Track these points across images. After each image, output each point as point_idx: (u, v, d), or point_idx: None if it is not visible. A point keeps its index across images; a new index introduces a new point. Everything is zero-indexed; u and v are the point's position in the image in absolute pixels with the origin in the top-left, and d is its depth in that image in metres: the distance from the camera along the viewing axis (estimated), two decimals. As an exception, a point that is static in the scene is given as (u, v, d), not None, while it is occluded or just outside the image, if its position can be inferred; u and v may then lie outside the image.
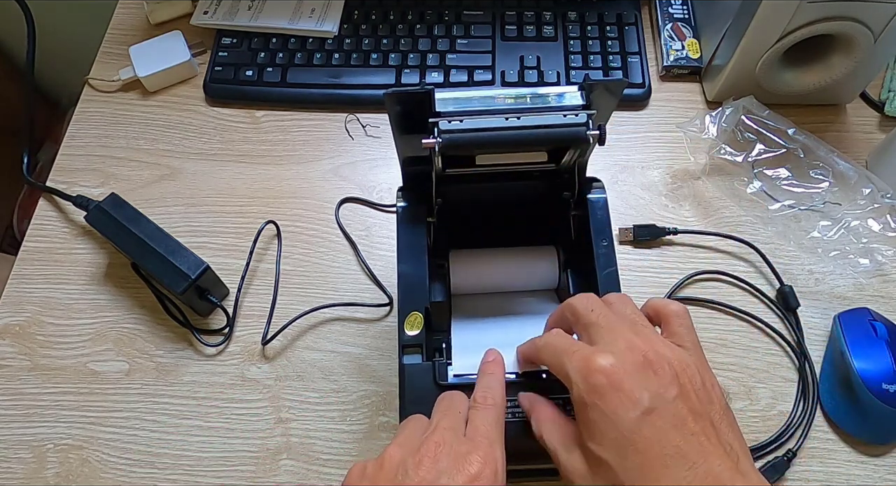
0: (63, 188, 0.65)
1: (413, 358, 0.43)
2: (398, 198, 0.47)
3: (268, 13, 0.72)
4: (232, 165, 0.67)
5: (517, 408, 0.41)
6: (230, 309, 0.59)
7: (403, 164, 0.45)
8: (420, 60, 0.70)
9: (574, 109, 0.39)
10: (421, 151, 0.39)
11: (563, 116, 0.39)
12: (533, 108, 0.39)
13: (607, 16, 0.72)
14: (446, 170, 0.42)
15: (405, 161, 0.45)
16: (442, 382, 0.42)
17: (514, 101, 0.39)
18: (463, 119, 0.39)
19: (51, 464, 0.54)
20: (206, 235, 0.63)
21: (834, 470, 0.53)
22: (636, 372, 0.33)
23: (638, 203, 0.64)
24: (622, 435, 0.32)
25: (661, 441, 0.31)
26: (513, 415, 0.41)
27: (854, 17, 0.57)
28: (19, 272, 0.62)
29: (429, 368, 0.42)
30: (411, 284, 0.44)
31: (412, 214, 0.46)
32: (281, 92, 0.70)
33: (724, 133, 0.62)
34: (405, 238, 0.45)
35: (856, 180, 0.60)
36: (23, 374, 0.58)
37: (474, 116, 0.39)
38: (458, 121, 0.39)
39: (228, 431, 0.55)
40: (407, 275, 0.44)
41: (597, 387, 0.33)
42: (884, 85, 0.69)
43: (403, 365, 0.43)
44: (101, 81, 0.72)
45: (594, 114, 0.39)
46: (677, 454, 0.31)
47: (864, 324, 0.55)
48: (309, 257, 0.62)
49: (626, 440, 0.31)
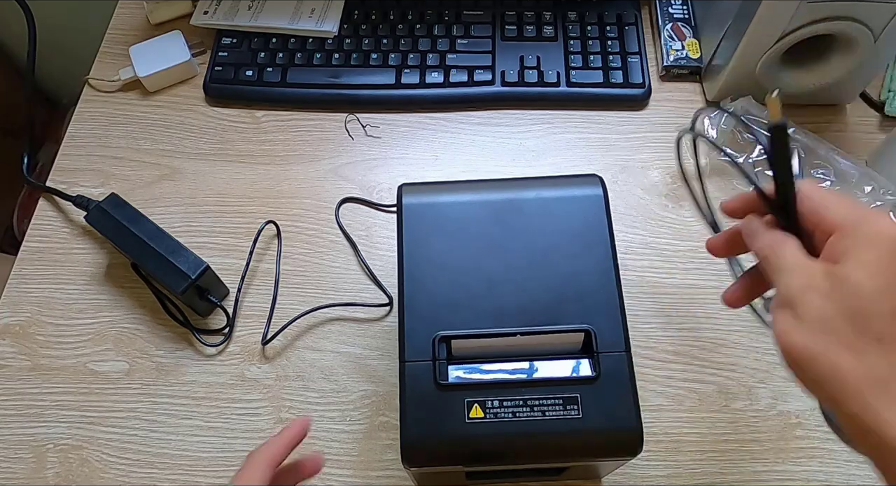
0: (63, 188, 0.65)
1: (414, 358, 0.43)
2: (399, 196, 0.47)
3: (268, 13, 0.72)
4: (232, 165, 0.67)
5: (519, 408, 0.41)
6: (230, 309, 0.59)
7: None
8: (420, 60, 0.70)
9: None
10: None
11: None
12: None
13: (607, 16, 0.72)
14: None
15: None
16: (442, 382, 0.42)
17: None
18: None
19: (51, 464, 0.54)
20: (206, 236, 0.63)
21: (834, 470, 0.53)
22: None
23: (638, 203, 0.64)
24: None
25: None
26: (513, 415, 0.41)
27: (854, 17, 0.57)
28: (19, 272, 0.62)
29: (429, 368, 0.42)
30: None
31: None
32: (281, 92, 0.70)
33: (724, 134, 0.62)
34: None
35: (857, 179, 0.60)
36: (23, 374, 0.58)
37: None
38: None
39: (228, 431, 0.55)
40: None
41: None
42: (884, 85, 0.69)
43: (405, 364, 0.42)
44: (101, 81, 0.72)
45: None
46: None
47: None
48: (309, 257, 0.62)
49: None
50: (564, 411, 0.41)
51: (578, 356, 0.43)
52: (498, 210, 0.47)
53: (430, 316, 0.43)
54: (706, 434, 0.54)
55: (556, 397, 0.41)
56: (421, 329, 0.43)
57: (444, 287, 0.44)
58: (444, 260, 0.45)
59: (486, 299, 0.44)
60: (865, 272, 0.30)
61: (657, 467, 0.53)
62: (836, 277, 0.30)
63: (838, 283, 0.30)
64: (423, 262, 0.45)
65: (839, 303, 0.30)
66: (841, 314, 0.30)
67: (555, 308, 0.43)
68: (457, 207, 0.47)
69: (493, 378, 0.42)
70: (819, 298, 0.30)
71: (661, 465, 0.53)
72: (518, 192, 0.47)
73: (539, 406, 0.41)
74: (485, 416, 0.41)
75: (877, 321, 0.29)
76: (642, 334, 0.58)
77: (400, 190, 0.48)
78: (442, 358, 0.42)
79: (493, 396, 0.41)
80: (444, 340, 0.43)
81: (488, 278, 0.44)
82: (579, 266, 0.45)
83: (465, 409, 0.41)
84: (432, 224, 0.46)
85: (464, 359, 0.43)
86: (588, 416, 0.41)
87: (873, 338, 0.29)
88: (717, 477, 0.53)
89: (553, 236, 0.46)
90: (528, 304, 0.44)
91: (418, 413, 0.41)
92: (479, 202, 0.47)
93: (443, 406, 0.41)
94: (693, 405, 0.55)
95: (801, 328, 0.30)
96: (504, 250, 0.45)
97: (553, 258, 0.45)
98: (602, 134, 0.68)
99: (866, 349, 0.29)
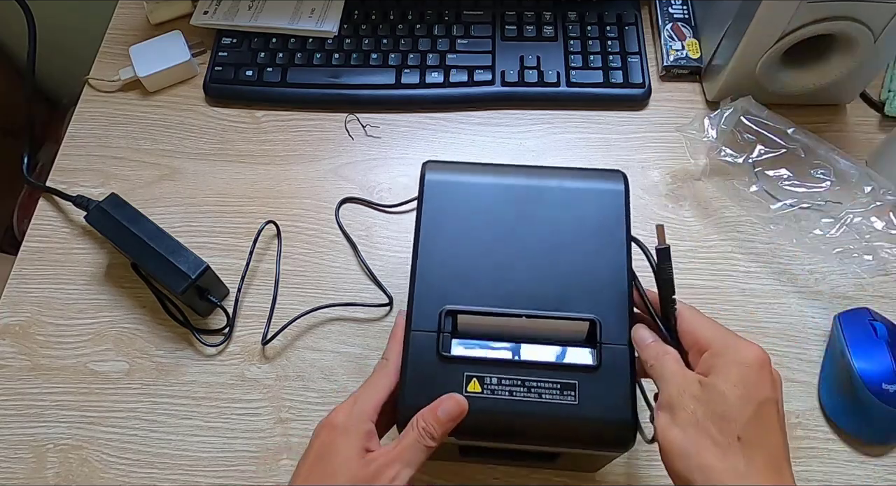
0: (63, 188, 0.65)
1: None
2: (422, 172, 0.48)
3: (268, 13, 0.72)
4: (232, 165, 0.67)
5: (516, 387, 0.41)
6: (230, 309, 0.59)
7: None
8: (420, 60, 0.70)
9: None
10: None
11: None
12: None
13: (607, 16, 0.72)
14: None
15: None
16: (445, 353, 0.42)
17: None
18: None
19: (51, 464, 0.54)
20: (206, 236, 0.63)
21: (834, 470, 0.53)
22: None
23: (638, 203, 0.64)
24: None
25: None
26: (510, 394, 0.41)
27: (854, 17, 0.57)
28: (19, 272, 0.62)
29: (434, 339, 0.43)
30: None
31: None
32: (281, 92, 0.70)
33: (724, 135, 0.62)
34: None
35: (857, 178, 0.60)
36: (23, 374, 0.58)
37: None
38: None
39: (228, 431, 0.55)
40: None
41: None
42: (884, 85, 0.69)
43: (411, 333, 0.43)
44: (101, 81, 0.72)
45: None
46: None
47: (864, 324, 0.55)
48: (309, 257, 0.62)
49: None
50: (561, 395, 0.41)
51: (581, 345, 0.43)
52: (518, 195, 0.47)
53: (439, 290, 0.44)
54: (706, 434, 0.54)
55: (554, 382, 0.42)
56: (430, 302, 0.44)
57: (456, 264, 0.45)
58: (460, 238, 0.46)
59: (497, 280, 0.44)
60: (730, 384, 0.36)
61: (657, 467, 0.53)
62: (707, 386, 0.37)
63: (708, 391, 0.36)
64: (438, 237, 0.46)
65: (708, 407, 0.36)
66: (710, 417, 0.36)
67: (563, 296, 0.44)
68: (478, 188, 0.47)
69: (494, 356, 0.43)
70: (693, 402, 0.37)
71: (661, 465, 0.53)
72: (541, 180, 0.48)
73: (536, 388, 0.41)
74: (482, 391, 0.41)
75: (738, 424, 0.35)
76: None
77: (424, 167, 0.49)
78: (447, 331, 0.43)
79: (492, 373, 0.42)
80: (450, 313, 0.43)
81: (501, 261, 0.45)
82: (593, 258, 0.45)
83: (464, 382, 0.42)
84: (452, 202, 0.47)
85: (468, 335, 0.43)
86: (584, 404, 0.41)
87: (735, 438, 0.35)
88: (717, 477, 0.53)
89: (570, 227, 0.46)
90: (537, 289, 0.44)
91: (418, 381, 0.42)
92: (500, 186, 0.47)
93: (443, 377, 0.42)
94: (693, 405, 0.55)
95: (677, 429, 0.37)
96: (520, 235, 0.46)
97: (568, 248, 0.45)
98: (602, 134, 0.68)
99: (729, 448, 0.35)
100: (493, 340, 0.43)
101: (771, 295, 0.60)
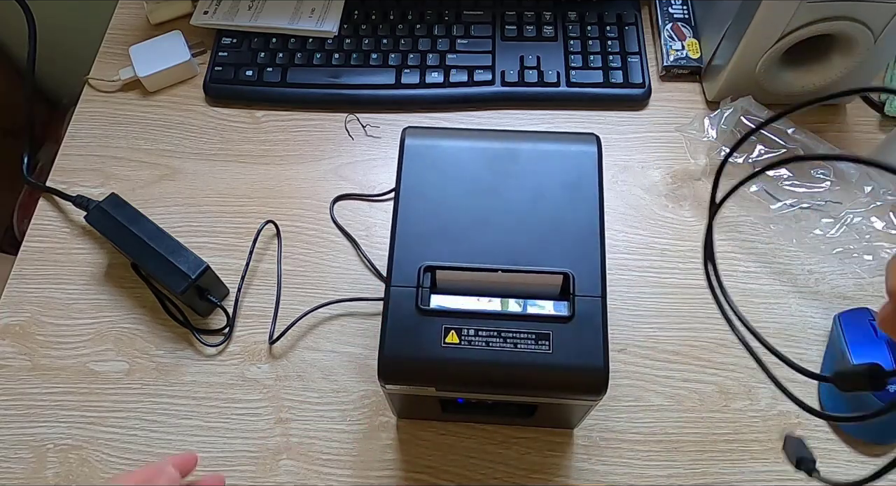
0: (63, 188, 0.65)
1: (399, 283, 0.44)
2: (402, 137, 0.49)
3: (268, 13, 0.72)
4: (232, 165, 0.67)
5: (493, 338, 0.42)
6: (230, 309, 0.59)
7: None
8: (420, 60, 0.70)
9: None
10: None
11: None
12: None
13: (607, 16, 0.72)
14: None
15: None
16: (423, 307, 0.43)
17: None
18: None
19: (51, 464, 0.54)
20: (206, 236, 0.63)
21: (834, 470, 0.53)
22: None
23: (638, 203, 0.64)
24: None
25: None
26: (486, 344, 0.42)
27: (854, 17, 0.57)
28: (19, 272, 0.62)
29: (413, 294, 0.44)
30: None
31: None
32: (281, 92, 0.70)
33: (724, 135, 0.62)
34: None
35: (857, 179, 0.60)
36: (23, 374, 0.58)
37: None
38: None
39: (228, 431, 0.55)
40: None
41: None
42: (884, 85, 0.69)
43: (390, 288, 0.44)
44: (101, 81, 0.72)
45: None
46: None
47: (864, 324, 0.55)
48: (309, 257, 0.62)
49: None
50: (536, 345, 0.42)
51: (556, 299, 0.45)
52: (494, 157, 0.49)
53: (418, 247, 0.45)
54: (706, 434, 0.54)
55: (530, 333, 0.43)
56: (409, 258, 0.45)
57: (435, 222, 0.46)
58: (438, 198, 0.47)
59: (474, 236, 0.46)
60: None
61: (657, 467, 0.53)
62: None
63: None
64: (417, 198, 0.47)
65: None
66: None
67: (538, 251, 0.45)
68: (455, 150, 0.49)
69: (471, 309, 0.44)
70: None
71: (661, 465, 0.53)
72: (516, 142, 0.50)
73: (512, 339, 0.43)
74: (460, 342, 0.43)
75: None
76: (642, 334, 0.58)
77: (404, 132, 0.50)
78: (426, 286, 0.44)
79: (469, 325, 0.43)
80: (429, 269, 0.45)
81: (478, 218, 0.46)
82: (566, 215, 0.46)
83: (442, 334, 0.43)
84: (430, 165, 0.48)
85: (447, 290, 0.45)
86: (558, 353, 0.42)
87: None
88: (717, 477, 0.53)
89: (544, 185, 0.47)
90: (513, 245, 0.45)
91: (398, 335, 0.43)
92: (477, 148, 0.49)
93: (422, 330, 0.43)
94: (693, 405, 0.55)
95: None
96: (496, 194, 0.47)
97: (542, 205, 0.47)
98: (602, 134, 0.67)
99: None
100: (470, 294, 0.45)
101: (771, 295, 0.60)
